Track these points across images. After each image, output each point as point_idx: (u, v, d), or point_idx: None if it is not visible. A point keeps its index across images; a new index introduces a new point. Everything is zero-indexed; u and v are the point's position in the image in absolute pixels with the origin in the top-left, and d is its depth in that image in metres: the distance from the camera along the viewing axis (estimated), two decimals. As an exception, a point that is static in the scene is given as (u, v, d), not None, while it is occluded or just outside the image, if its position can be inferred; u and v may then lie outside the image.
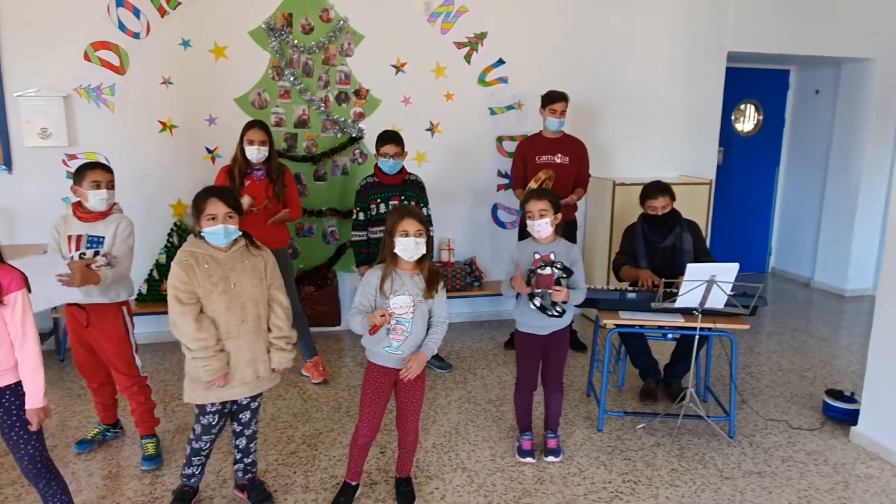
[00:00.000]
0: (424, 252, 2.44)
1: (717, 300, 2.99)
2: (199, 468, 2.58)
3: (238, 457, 2.61)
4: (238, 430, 2.55)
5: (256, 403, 2.55)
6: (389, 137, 3.75)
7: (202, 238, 2.37)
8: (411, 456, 2.71)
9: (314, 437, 3.19)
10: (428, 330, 2.54)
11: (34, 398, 2.12)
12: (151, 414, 3.01)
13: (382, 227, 3.73)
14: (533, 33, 4.77)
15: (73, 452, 3.00)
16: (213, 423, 2.46)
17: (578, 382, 3.88)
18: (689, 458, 3.06)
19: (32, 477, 2.18)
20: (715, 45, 5.20)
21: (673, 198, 3.49)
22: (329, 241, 4.65)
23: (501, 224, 4.99)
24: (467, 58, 4.70)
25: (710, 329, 3.13)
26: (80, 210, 2.83)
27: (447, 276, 4.63)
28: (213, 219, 2.32)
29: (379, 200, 3.78)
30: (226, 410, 2.50)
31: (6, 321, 2.07)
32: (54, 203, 4.07)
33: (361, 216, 3.81)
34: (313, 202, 4.52)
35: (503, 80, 4.79)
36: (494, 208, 4.96)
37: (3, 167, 4.03)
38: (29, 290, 2.10)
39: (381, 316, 2.36)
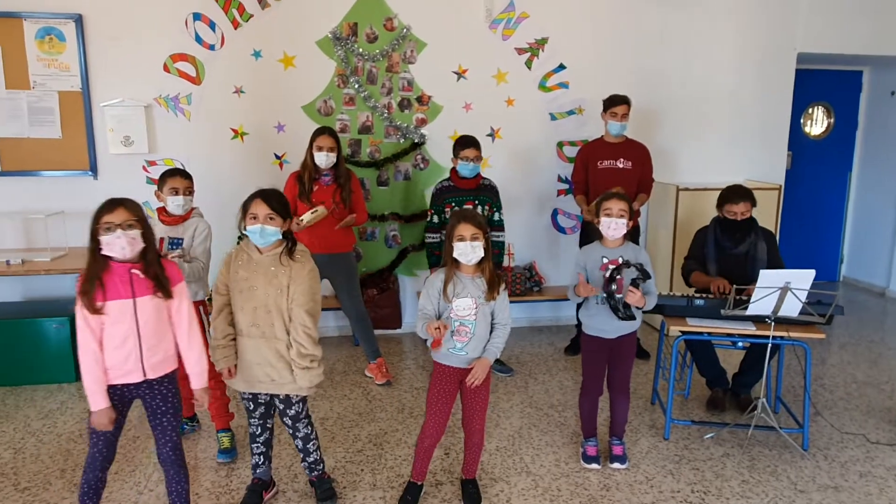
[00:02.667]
0: (482, 255, 2.47)
1: (792, 308, 2.91)
2: (260, 457, 2.66)
3: (301, 456, 2.70)
4: (290, 432, 2.64)
5: (293, 410, 2.56)
6: (469, 142, 3.80)
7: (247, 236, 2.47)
8: (477, 457, 2.73)
9: (380, 437, 3.26)
10: (491, 333, 2.56)
11: (201, 378, 2.32)
12: (227, 408, 3.13)
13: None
14: (594, 38, 4.75)
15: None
16: (251, 408, 2.59)
17: (642, 390, 3.83)
18: (760, 469, 2.98)
19: (170, 462, 2.34)
20: (784, 47, 5.06)
21: (754, 204, 3.39)
22: (391, 245, 4.74)
23: (561, 229, 4.97)
24: (528, 63, 4.72)
25: (782, 338, 3.05)
26: (163, 214, 3.00)
27: (507, 280, 4.64)
28: (254, 218, 2.40)
29: (454, 204, 3.84)
30: (260, 400, 2.57)
31: (172, 311, 2.24)
32: (135, 207, 4.28)
33: (436, 219, 3.87)
34: (376, 207, 4.61)
35: (564, 85, 4.78)
36: (554, 213, 4.95)
37: (90, 173, 4.28)
38: None
39: (437, 329, 2.40)
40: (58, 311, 3.91)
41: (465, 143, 3.80)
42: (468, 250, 2.45)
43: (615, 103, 4.05)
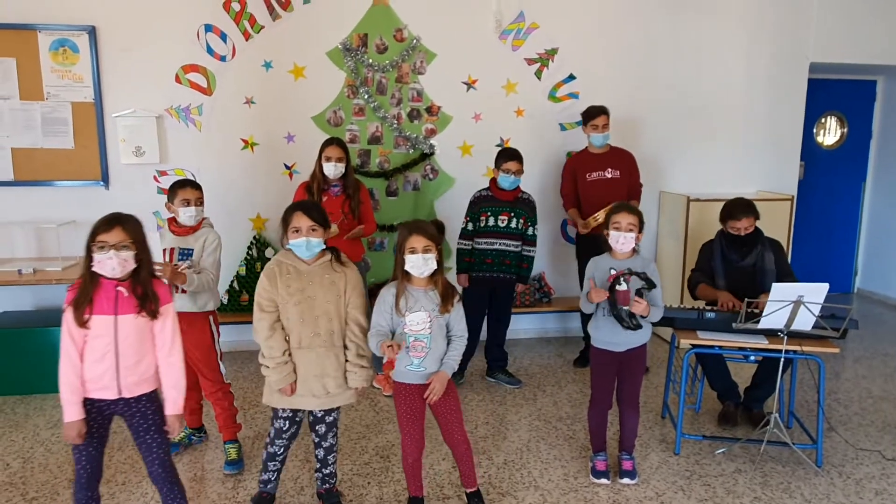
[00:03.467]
0: (435, 268, 2.45)
1: (805, 322, 2.86)
2: (275, 474, 2.66)
3: (318, 466, 2.68)
4: (316, 440, 2.61)
5: (332, 418, 2.58)
6: (513, 155, 3.81)
7: (290, 249, 2.46)
8: (471, 467, 2.70)
9: (387, 449, 3.24)
10: (448, 346, 2.54)
11: (176, 405, 2.25)
12: (234, 419, 3.13)
13: (488, 240, 3.84)
14: (604, 48, 4.74)
15: (162, 454, 3.15)
16: (284, 428, 2.54)
17: (652, 403, 3.78)
18: (773, 486, 2.93)
19: (160, 480, 2.30)
20: (796, 56, 5.03)
21: (757, 217, 3.36)
22: (400, 256, 4.72)
23: (571, 240, 4.94)
24: (538, 74, 4.71)
25: (795, 352, 3.00)
26: (173, 225, 3.01)
27: (517, 291, 4.61)
28: (297, 231, 2.40)
29: (489, 213, 3.84)
30: (297, 419, 2.56)
31: (156, 332, 2.21)
32: (145, 217, 4.22)
33: (470, 226, 3.88)
34: (385, 217, 4.61)
35: (574, 95, 4.77)
36: (563, 224, 4.93)
37: (101, 183, 4.31)
38: None
39: (389, 347, 2.37)
40: (68, 320, 3.93)
41: (508, 156, 3.81)
42: (420, 263, 2.42)
43: (593, 115, 4.10)
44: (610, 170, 4.11)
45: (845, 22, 5.03)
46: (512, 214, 3.85)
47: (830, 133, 6.12)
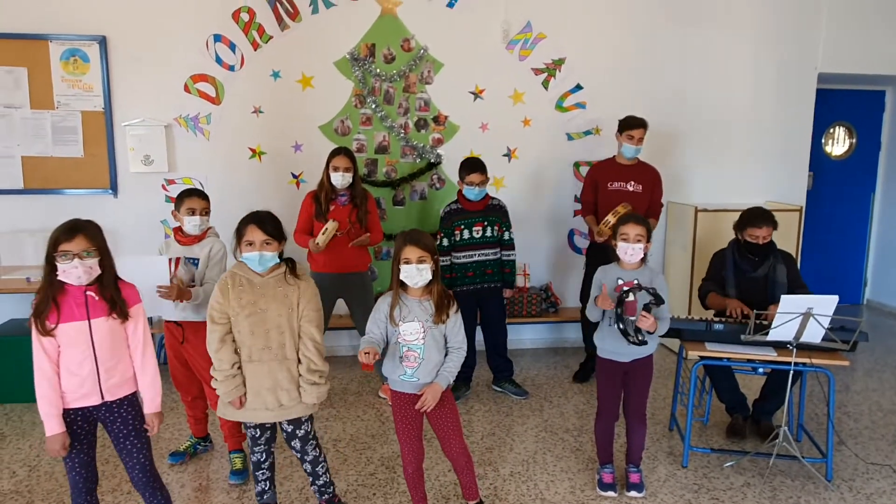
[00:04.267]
0: (430, 278, 2.44)
1: (814, 334, 2.84)
2: (267, 483, 2.64)
3: (310, 479, 2.66)
4: (298, 456, 2.59)
5: (303, 431, 2.54)
6: (475, 166, 3.78)
7: (243, 261, 2.43)
8: (472, 479, 2.68)
9: (392, 460, 3.22)
10: (446, 357, 2.52)
11: (154, 403, 2.28)
12: (239, 429, 3.11)
13: (466, 252, 3.83)
14: (611, 58, 4.74)
15: (167, 464, 3.14)
16: (256, 435, 2.53)
17: (660, 415, 3.76)
18: (782, 500, 2.89)
19: (141, 486, 2.30)
20: (805, 66, 5.02)
21: (775, 227, 3.32)
22: (406, 265, 4.72)
23: (578, 250, 4.93)
24: (545, 84, 4.72)
25: (805, 364, 2.97)
26: (179, 234, 3.02)
27: (523, 301, 4.61)
28: (250, 244, 2.38)
29: (463, 227, 3.83)
30: (267, 426, 2.53)
31: (129, 333, 2.23)
32: (154, 225, 4.35)
33: (445, 242, 3.85)
34: (392, 226, 4.61)
35: (581, 105, 4.77)
36: (571, 234, 4.92)
37: (110, 191, 4.34)
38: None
39: (366, 353, 2.36)
40: (76, 327, 3.94)
41: (469, 168, 3.77)
42: (414, 273, 2.41)
43: (632, 126, 4.01)
44: (633, 182, 4.06)
45: (854, 32, 5.02)
46: (486, 223, 3.84)
47: (839, 143, 6.09)
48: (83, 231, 2.11)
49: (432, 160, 4.64)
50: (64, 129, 4.24)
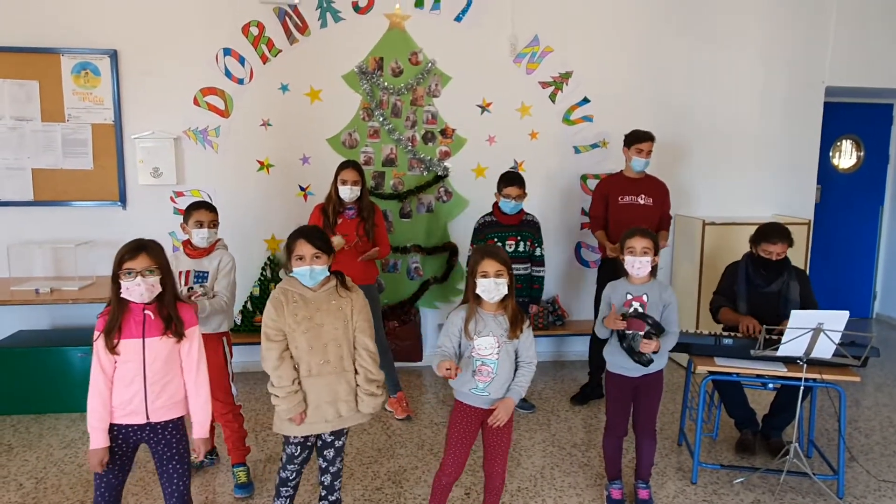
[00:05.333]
0: (506, 293, 2.43)
1: (825, 350, 2.82)
2: (287, 500, 2.62)
3: (323, 493, 2.62)
4: (323, 466, 2.57)
5: (341, 442, 2.55)
6: (513, 179, 3.79)
7: (294, 277, 2.44)
8: (496, 501, 2.66)
9: (399, 474, 3.20)
10: (515, 371, 2.51)
11: (203, 428, 2.29)
12: (243, 442, 3.11)
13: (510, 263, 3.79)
14: (618, 71, 4.76)
15: (173, 477, 3.13)
16: (296, 454, 2.51)
17: (668, 430, 3.73)
18: (793, 518, 2.86)
19: None
20: (812, 80, 5.02)
21: (791, 244, 3.30)
22: (413, 278, 4.73)
23: (585, 263, 4.92)
24: (552, 97, 4.73)
25: (815, 380, 2.95)
26: (188, 247, 3.03)
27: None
28: (300, 259, 2.38)
29: (496, 239, 3.83)
30: (309, 444, 2.53)
31: (183, 355, 2.25)
32: (162, 237, 4.27)
33: None
34: (399, 239, 4.62)
35: (588, 118, 4.78)
36: (578, 247, 4.91)
37: (119, 203, 4.36)
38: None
39: (447, 369, 2.35)
40: (83, 339, 3.96)
41: (508, 181, 3.80)
42: (492, 287, 2.41)
43: (640, 139, 4.00)
44: (643, 196, 4.04)
45: (861, 46, 5.02)
46: (519, 238, 3.84)
47: (847, 156, 6.08)
48: (147, 249, 2.16)
49: (439, 173, 4.65)
50: (74, 142, 4.28)
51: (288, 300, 2.41)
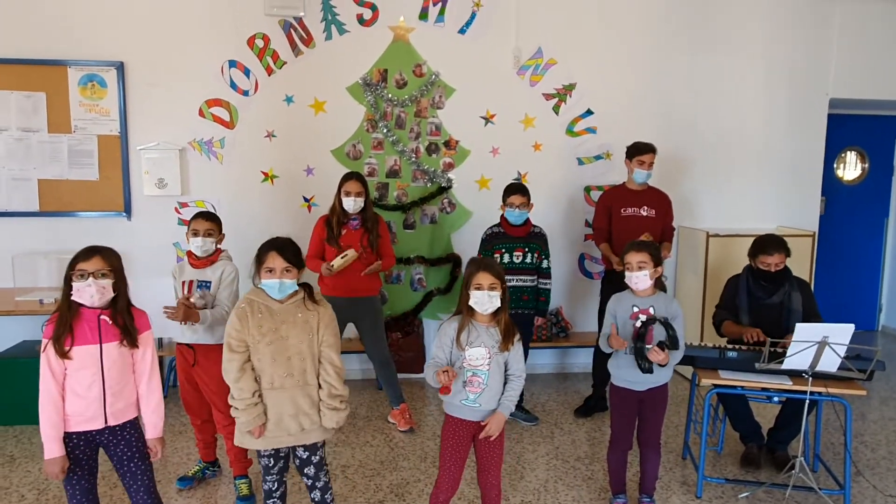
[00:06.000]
0: (499, 305, 2.44)
1: (830, 363, 2.80)
2: None
3: None
4: (308, 483, 2.54)
5: (317, 457, 2.51)
6: (516, 188, 3.82)
7: (261, 288, 2.42)
8: None
9: (401, 487, 3.18)
10: (505, 385, 2.50)
11: (157, 428, 2.33)
12: (245, 454, 3.10)
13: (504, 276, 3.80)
14: (622, 84, 4.77)
15: (175, 488, 3.13)
16: (270, 465, 2.48)
17: (673, 443, 3.70)
18: (799, 534, 2.83)
19: None
20: (816, 92, 5.02)
21: (788, 254, 3.30)
22: (416, 289, 4.72)
23: (588, 274, 4.91)
24: (556, 109, 4.74)
25: (820, 394, 2.93)
26: (192, 257, 3.03)
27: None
28: (270, 271, 2.37)
29: (504, 250, 3.83)
30: (282, 454, 2.49)
31: (136, 360, 2.28)
32: (166, 248, 4.38)
33: None
34: (402, 250, 4.62)
35: (591, 130, 4.79)
36: (581, 258, 4.90)
37: (124, 214, 4.38)
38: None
39: (444, 372, 2.34)
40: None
41: (511, 190, 3.82)
42: (485, 300, 2.41)
43: (641, 151, 4.01)
44: (646, 208, 4.05)
45: (865, 58, 5.03)
46: (526, 250, 3.84)
47: (851, 168, 6.07)
48: (100, 253, 2.19)
49: (443, 184, 4.66)
50: (80, 153, 4.30)
51: (253, 311, 2.38)
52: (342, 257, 3.55)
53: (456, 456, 2.50)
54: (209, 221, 3.02)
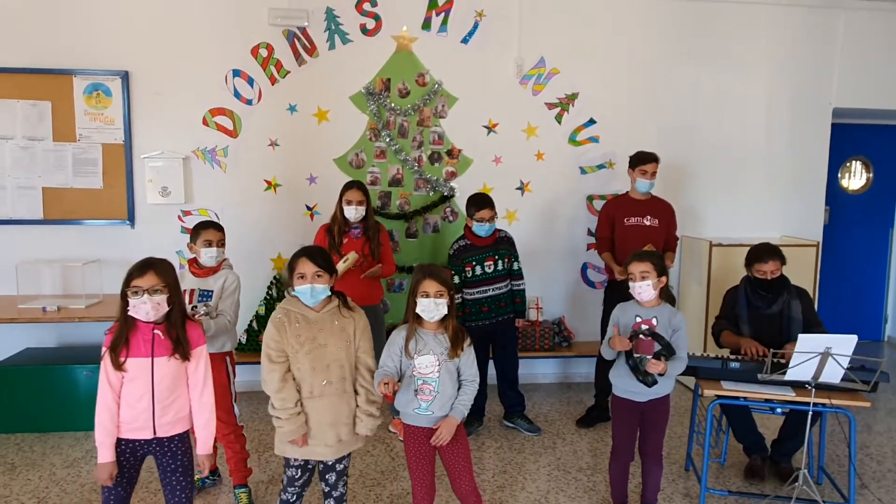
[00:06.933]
0: (445, 313, 2.44)
1: (833, 374, 2.77)
2: None
3: None
4: (326, 490, 2.54)
5: (342, 465, 2.52)
6: (484, 202, 3.78)
7: (296, 296, 2.44)
8: None
9: (402, 497, 3.17)
10: (459, 390, 2.51)
11: (206, 445, 2.33)
12: (245, 463, 3.10)
13: (480, 288, 3.82)
14: (624, 93, 4.77)
15: (175, 497, 3.12)
16: (296, 476, 2.49)
17: (675, 455, 3.67)
18: (803, 547, 2.80)
19: None
20: (819, 101, 5.01)
21: (783, 262, 3.30)
22: (418, 297, 4.71)
23: (591, 283, 4.90)
24: (558, 118, 4.75)
25: (824, 405, 2.90)
26: (194, 266, 3.04)
27: (535, 335, 4.57)
28: (302, 277, 2.39)
29: (474, 263, 3.82)
30: (310, 466, 2.51)
31: (189, 373, 2.28)
32: (169, 256, 4.28)
33: (457, 279, 3.82)
34: (404, 258, 4.62)
35: (594, 139, 4.79)
36: (584, 267, 4.89)
37: (127, 222, 4.40)
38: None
39: (385, 384, 2.35)
40: (89, 358, 3.97)
41: (479, 205, 3.77)
42: (431, 307, 2.42)
43: (644, 161, 4.00)
44: (649, 217, 4.03)
45: (868, 67, 5.02)
46: (496, 257, 3.84)
47: (856, 177, 6.04)
48: (154, 268, 2.20)
49: (445, 193, 4.67)
50: (84, 161, 4.33)
51: (290, 320, 2.40)
52: (343, 261, 3.55)
53: (421, 464, 2.50)
54: (220, 232, 3.05)
